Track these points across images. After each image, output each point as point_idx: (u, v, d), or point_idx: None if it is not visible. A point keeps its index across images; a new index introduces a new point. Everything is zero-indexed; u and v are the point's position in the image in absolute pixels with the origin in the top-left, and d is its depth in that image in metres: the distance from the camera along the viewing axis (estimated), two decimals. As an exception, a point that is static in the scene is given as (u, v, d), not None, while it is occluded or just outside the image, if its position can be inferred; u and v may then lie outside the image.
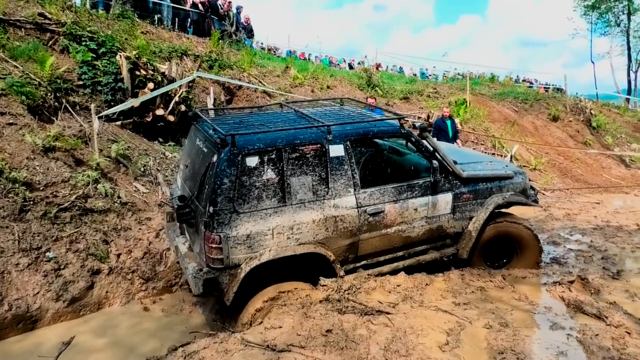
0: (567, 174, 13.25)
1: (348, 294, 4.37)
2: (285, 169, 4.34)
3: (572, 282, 5.10)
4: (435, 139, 6.27)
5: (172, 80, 8.93)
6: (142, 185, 7.21)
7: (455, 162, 5.21)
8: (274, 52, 24.16)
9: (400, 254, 5.10)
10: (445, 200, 5.13)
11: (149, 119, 8.57)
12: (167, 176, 7.64)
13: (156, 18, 12.45)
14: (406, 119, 5.24)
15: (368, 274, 4.83)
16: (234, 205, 4.14)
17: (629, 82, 31.31)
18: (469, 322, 4.09)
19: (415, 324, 3.94)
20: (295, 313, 3.84)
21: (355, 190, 4.65)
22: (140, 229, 6.36)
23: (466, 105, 14.71)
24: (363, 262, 4.91)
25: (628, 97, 29.05)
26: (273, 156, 4.32)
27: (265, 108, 6.67)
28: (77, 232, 5.76)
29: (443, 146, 5.79)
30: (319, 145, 4.53)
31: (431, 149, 5.04)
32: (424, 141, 5.06)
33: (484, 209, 5.32)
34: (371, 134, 5.06)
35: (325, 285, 4.44)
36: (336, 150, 4.58)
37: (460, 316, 4.18)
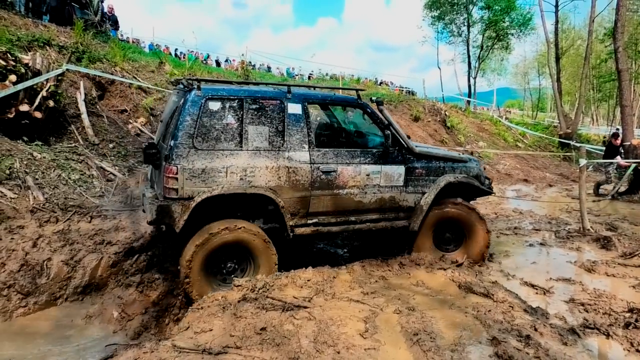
0: (430, 170, 14.49)
1: (264, 292, 4.39)
2: (244, 117, 4.80)
3: (458, 265, 5.70)
4: None
5: (37, 73, 8.02)
6: (9, 189, 6.39)
7: (408, 137, 5.62)
8: (137, 44, 22.81)
9: (352, 218, 5.39)
10: (397, 172, 5.45)
11: (11, 116, 7.59)
12: (37, 179, 6.88)
13: (7, 2, 11.05)
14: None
15: (317, 229, 5.17)
16: (193, 142, 4.57)
17: (469, 86, 35.19)
18: (380, 309, 4.36)
19: (334, 315, 4.10)
20: (223, 314, 3.76)
21: (310, 147, 5.06)
22: (12, 238, 5.64)
23: (341, 106, 15.36)
24: (314, 220, 5.17)
25: (469, 99, 32.80)
26: (234, 104, 4.80)
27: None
28: None
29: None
30: (278, 102, 5.02)
31: (386, 121, 5.40)
32: (380, 114, 5.44)
33: (435, 185, 5.67)
34: (329, 99, 5.70)
35: (239, 286, 4.42)
36: (294, 108, 5.07)
37: (371, 304, 4.43)
